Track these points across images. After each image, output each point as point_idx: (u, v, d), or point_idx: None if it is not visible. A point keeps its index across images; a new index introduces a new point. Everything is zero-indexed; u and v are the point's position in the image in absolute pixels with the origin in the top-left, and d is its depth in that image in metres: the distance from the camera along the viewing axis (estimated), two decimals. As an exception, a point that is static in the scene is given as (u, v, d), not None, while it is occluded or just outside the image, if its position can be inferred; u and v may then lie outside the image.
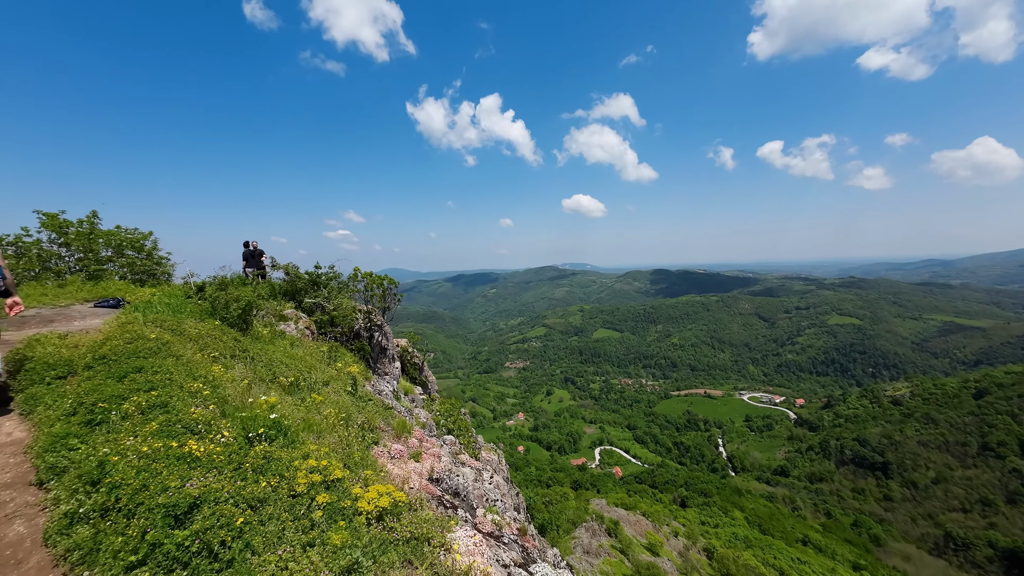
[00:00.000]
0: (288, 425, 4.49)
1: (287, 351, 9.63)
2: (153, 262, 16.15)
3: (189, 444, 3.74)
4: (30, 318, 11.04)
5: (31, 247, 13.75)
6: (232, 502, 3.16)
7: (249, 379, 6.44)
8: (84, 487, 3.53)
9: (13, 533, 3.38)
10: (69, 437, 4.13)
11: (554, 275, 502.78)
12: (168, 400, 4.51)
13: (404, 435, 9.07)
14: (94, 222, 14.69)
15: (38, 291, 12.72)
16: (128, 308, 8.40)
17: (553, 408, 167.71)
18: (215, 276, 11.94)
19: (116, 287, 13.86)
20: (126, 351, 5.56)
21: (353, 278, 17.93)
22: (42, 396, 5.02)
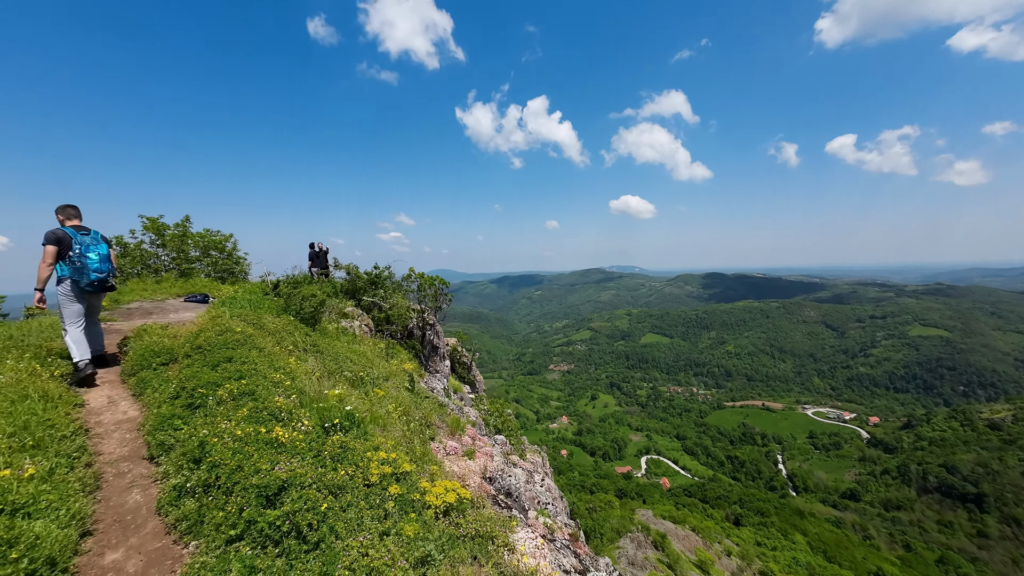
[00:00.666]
0: (360, 418, 4.74)
1: (350, 347, 10.17)
2: (232, 261, 17.71)
3: (276, 431, 4.04)
4: (134, 310, 12.46)
5: (135, 248, 15.56)
6: (315, 487, 3.38)
7: (320, 372, 6.87)
8: (188, 464, 3.93)
9: (132, 501, 3.83)
10: (174, 418, 4.61)
11: (600, 278, 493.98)
12: (255, 389, 4.91)
13: (458, 432, 9.27)
14: (186, 226, 16.37)
15: (140, 286, 14.34)
16: (215, 303, 9.24)
17: (598, 413, 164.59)
18: (287, 275, 12.87)
19: (202, 284, 15.33)
20: (217, 342, 6.12)
21: (407, 278, 18.62)
22: (150, 380, 5.65)
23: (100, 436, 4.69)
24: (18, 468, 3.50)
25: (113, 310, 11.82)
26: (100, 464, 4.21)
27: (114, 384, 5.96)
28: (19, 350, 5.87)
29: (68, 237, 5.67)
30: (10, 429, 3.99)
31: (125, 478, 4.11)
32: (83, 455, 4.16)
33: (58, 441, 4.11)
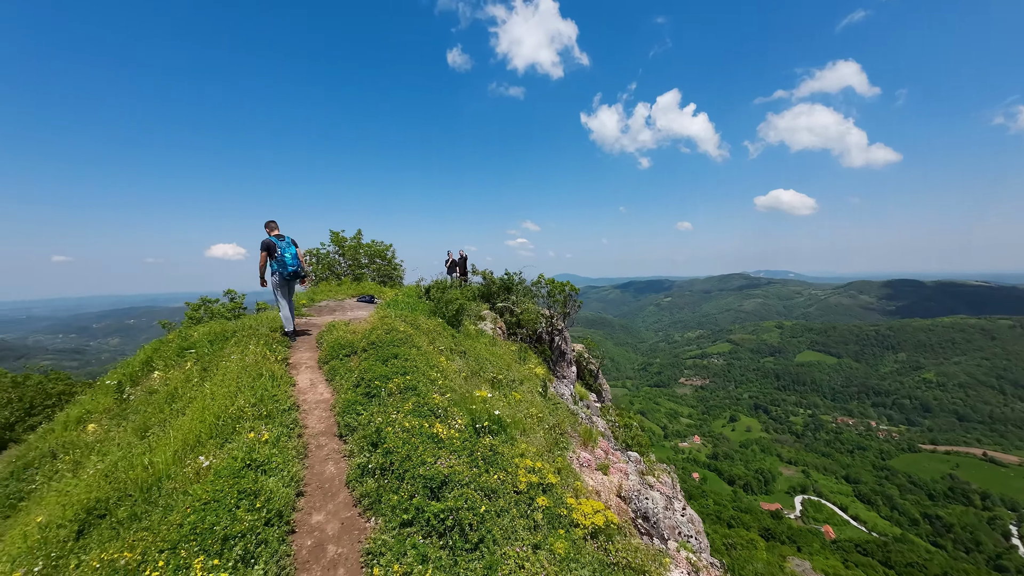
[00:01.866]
0: (506, 422, 4.91)
1: (488, 348, 10.79)
2: (391, 267, 20.56)
3: (436, 426, 4.43)
4: (323, 307, 15.31)
5: (325, 256, 19.23)
6: (472, 487, 3.57)
7: (466, 372, 7.39)
8: (368, 446, 4.56)
9: (327, 472, 4.60)
10: (356, 404, 5.42)
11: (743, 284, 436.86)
12: (416, 384, 5.49)
13: (591, 444, 9.04)
14: (359, 238, 19.63)
15: (327, 288, 17.59)
16: (381, 304, 10.75)
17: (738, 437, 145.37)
18: (436, 280, 14.37)
19: (370, 287, 18.09)
20: (386, 340, 7.06)
21: (536, 283, 19.08)
22: (338, 368, 6.80)
23: (306, 412, 5.79)
24: (258, 433, 4.50)
25: (310, 306, 14.68)
26: (307, 436, 5.18)
27: (313, 369, 7.35)
28: (256, 338, 7.67)
29: (273, 244, 8.19)
30: (253, 400, 5.18)
31: (323, 450, 4.97)
32: (296, 427, 5.17)
33: (281, 413, 5.20)
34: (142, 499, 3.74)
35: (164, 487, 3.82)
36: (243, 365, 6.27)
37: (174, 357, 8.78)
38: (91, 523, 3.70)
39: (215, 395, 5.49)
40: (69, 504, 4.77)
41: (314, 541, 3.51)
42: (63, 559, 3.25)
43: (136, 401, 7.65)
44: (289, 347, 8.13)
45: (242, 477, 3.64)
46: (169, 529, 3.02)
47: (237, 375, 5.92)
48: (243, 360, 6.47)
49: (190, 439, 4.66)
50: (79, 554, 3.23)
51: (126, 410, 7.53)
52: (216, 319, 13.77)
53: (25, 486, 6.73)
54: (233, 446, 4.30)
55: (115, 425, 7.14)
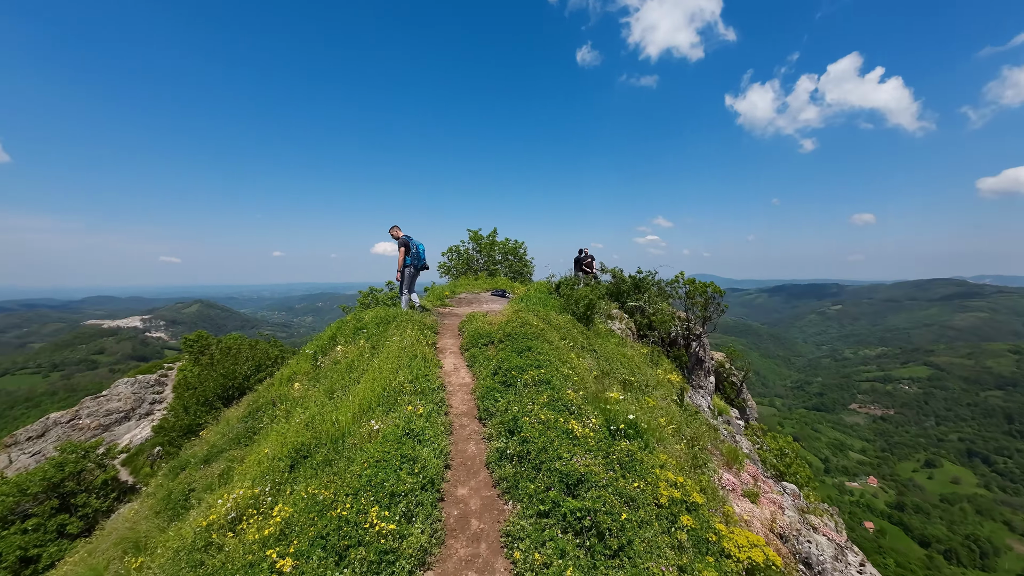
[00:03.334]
0: (644, 428, 4.65)
1: (618, 349, 10.43)
2: (522, 264, 21.44)
3: (571, 423, 4.42)
4: (462, 299, 16.72)
5: (464, 252, 21.04)
6: (611, 491, 3.45)
7: (597, 371, 7.25)
8: (505, 432, 4.79)
9: (470, 450, 4.98)
10: (493, 391, 5.76)
11: (954, 292, 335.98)
12: (550, 378, 5.58)
13: (735, 465, 8.02)
14: (494, 236, 20.96)
15: (465, 282, 19.19)
16: (514, 299, 11.25)
17: (938, 488, 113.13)
18: (565, 276, 14.47)
19: (502, 282, 19.14)
20: (520, 332, 7.36)
21: (672, 283, 17.72)
22: (477, 356, 7.33)
23: (450, 393, 6.39)
24: (414, 406, 5.11)
25: (451, 297, 16.17)
26: (452, 415, 5.71)
27: (456, 354, 8.08)
28: (412, 323, 8.76)
29: (410, 241, 9.98)
30: (410, 377, 5.92)
31: (465, 430, 5.41)
32: (443, 406, 5.74)
33: (432, 392, 5.83)
34: (332, 449, 4.58)
35: (347, 442, 4.62)
36: (402, 346, 7.22)
37: (351, 335, 10.62)
38: (298, 461, 4.69)
39: (381, 370, 6.43)
40: (283, 443, 6.14)
41: (459, 512, 3.84)
42: (282, 486, 4.18)
43: (325, 368, 9.49)
44: (437, 333, 9.08)
45: (403, 444, 4.18)
46: (351, 478, 3.63)
47: (398, 354, 6.85)
48: (402, 342, 7.45)
49: (364, 404, 5.54)
50: (291, 484, 4.12)
51: (318, 374, 9.41)
52: (380, 305, 16.24)
53: (256, 424, 8.93)
54: (395, 415, 4.97)
55: (311, 385, 8.97)
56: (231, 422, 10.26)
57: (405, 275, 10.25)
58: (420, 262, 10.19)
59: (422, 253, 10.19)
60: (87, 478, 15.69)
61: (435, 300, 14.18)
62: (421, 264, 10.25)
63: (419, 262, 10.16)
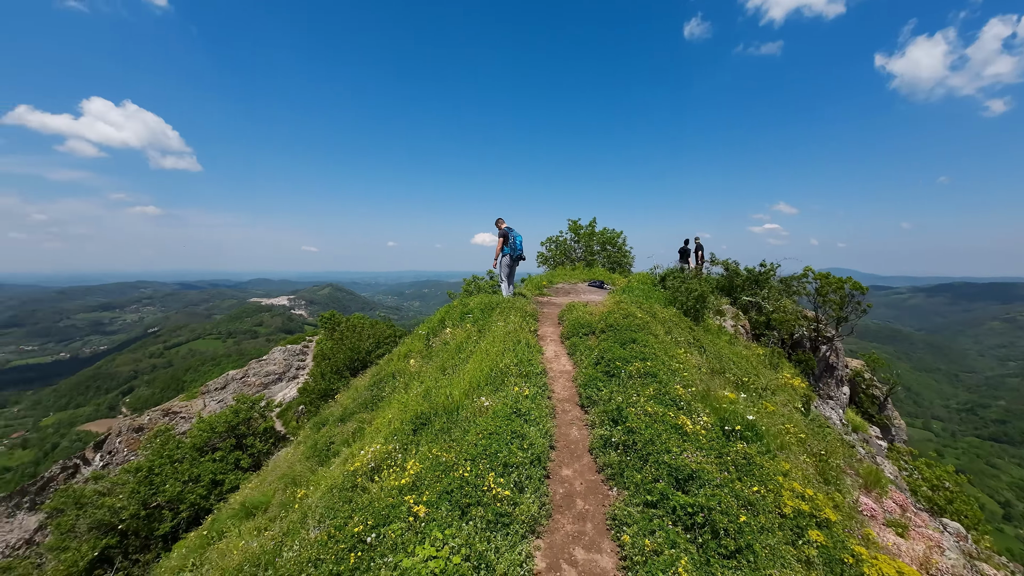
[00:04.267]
0: (764, 432, 4.31)
1: (730, 348, 9.62)
2: (621, 254, 20.79)
3: (681, 418, 4.28)
4: (560, 289, 16.85)
5: (562, 242, 21.11)
6: (726, 491, 3.30)
7: (707, 369, 6.82)
8: (608, 421, 4.82)
9: (573, 435, 5.12)
10: (596, 380, 5.79)
11: None
12: (656, 372, 5.43)
13: (875, 489, 6.94)
14: (593, 226, 20.64)
15: (563, 272, 19.27)
16: (615, 290, 11.02)
17: None
18: (671, 268, 13.71)
19: (600, 272, 18.81)
20: (623, 324, 7.24)
21: (798, 278, 15.63)
22: (578, 345, 7.40)
23: (552, 379, 6.59)
24: (520, 388, 5.39)
25: (549, 287, 16.40)
26: (554, 400, 5.89)
27: (556, 342, 8.26)
28: (514, 310, 9.16)
29: (508, 233, 10.58)
30: (516, 361, 6.23)
31: (567, 415, 5.56)
32: (546, 390, 5.95)
33: (535, 376, 6.07)
34: (447, 419, 5.08)
35: (460, 414, 5.08)
36: (506, 331, 7.61)
37: (458, 319, 11.47)
38: (420, 427, 5.29)
39: (488, 352, 6.88)
40: (404, 411, 6.95)
41: (564, 491, 4.00)
42: (408, 446, 4.78)
43: (436, 348, 10.42)
44: (538, 321, 9.36)
45: (512, 421, 4.47)
46: (468, 446, 4.01)
47: (503, 339, 7.24)
48: (506, 327, 7.85)
49: (473, 382, 6.01)
50: (415, 445, 4.68)
51: (430, 353, 10.38)
52: (482, 292, 17.19)
53: (380, 392, 10.20)
54: (503, 395, 5.31)
55: (425, 363, 9.94)
56: (359, 389, 11.86)
57: (502, 264, 10.97)
58: (516, 252, 10.77)
59: (519, 245, 10.75)
60: (253, 425, 19.45)
61: (533, 289, 14.52)
62: (517, 255, 10.80)
63: (515, 252, 10.75)
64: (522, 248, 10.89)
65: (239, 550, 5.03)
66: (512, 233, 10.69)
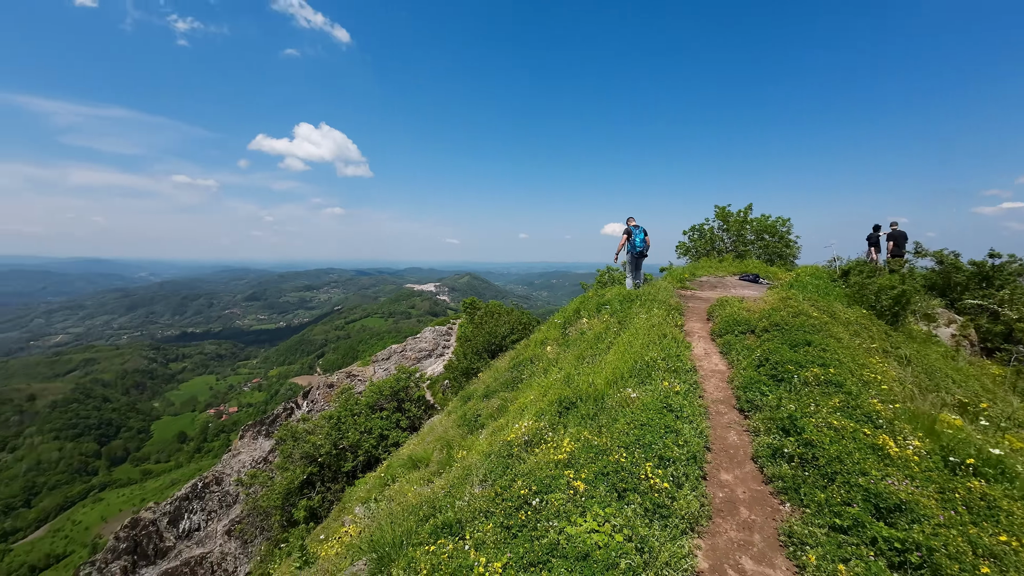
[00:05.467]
0: (1019, 472, 3.32)
1: (944, 361, 7.57)
2: (783, 245, 17.92)
3: (881, 437, 3.59)
4: (704, 282, 15.42)
5: (708, 231, 19.19)
6: (956, 533, 2.67)
7: (911, 385, 5.52)
8: (777, 430, 4.29)
9: (730, 439, 4.71)
10: (759, 383, 5.20)
11: None
12: (842, 380, 4.62)
13: None
14: (747, 212, 18.22)
15: (707, 264, 17.55)
16: (781, 284, 9.62)
17: None
18: (857, 260, 11.36)
19: (753, 265, 16.59)
20: (793, 323, 6.30)
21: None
22: (733, 344, 6.72)
23: (703, 377, 6.13)
24: (670, 383, 5.16)
25: (692, 280, 15.15)
26: (706, 399, 5.49)
27: (706, 340, 7.63)
28: (657, 303, 8.75)
29: (630, 231, 11.15)
30: (662, 355, 5.98)
31: (723, 417, 5.13)
32: (697, 388, 5.58)
33: (684, 372, 5.74)
34: (593, 405, 5.17)
35: (606, 403, 5.12)
36: (650, 324, 7.33)
37: (594, 310, 11.45)
38: (564, 409, 5.51)
39: (631, 344, 6.73)
40: (545, 393, 7.29)
41: (725, 496, 3.73)
42: (555, 426, 5.03)
43: (572, 336, 10.62)
44: (682, 315, 8.77)
45: (663, 415, 4.33)
46: (619, 434, 4.04)
47: (646, 332, 7.00)
48: (650, 320, 7.56)
49: (616, 373, 5.97)
50: (564, 427, 4.89)
51: (567, 341, 10.62)
52: (617, 284, 16.78)
53: (519, 375, 10.86)
54: (650, 388, 5.16)
55: (562, 350, 10.23)
56: (499, 370, 12.82)
57: (623, 259, 11.89)
58: (635, 250, 11.43)
59: (638, 243, 11.31)
60: (410, 392, 22.66)
61: (674, 282, 13.60)
62: (637, 252, 11.46)
63: (635, 249, 11.42)
64: (643, 246, 11.37)
65: (413, 493, 5.99)
66: (635, 231, 11.22)
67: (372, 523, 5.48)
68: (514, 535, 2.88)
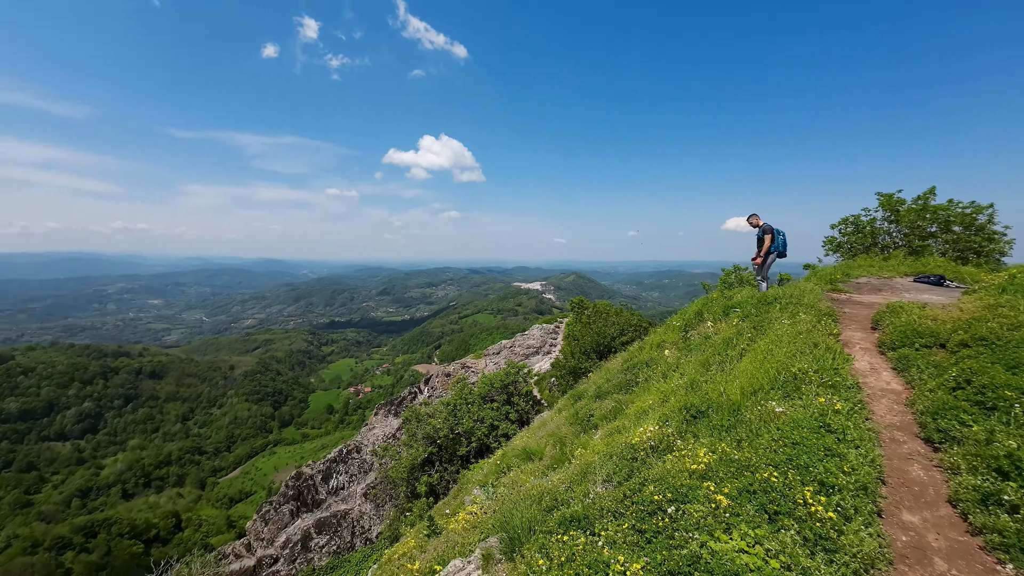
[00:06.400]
0: None
1: None
2: (983, 238, 14.05)
3: None
4: (862, 284, 12.94)
5: (867, 224, 16.00)
6: None
7: None
8: (988, 471, 3.40)
9: (913, 473, 3.88)
10: (957, 410, 4.18)
11: None
12: (1098, 417, 3.46)
13: None
14: (927, 199, 14.71)
15: (867, 262, 14.66)
16: (984, 288, 7.61)
17: None
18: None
19: (935, 263, 13.36)
20: (1008, 338, 4.92)
21: None
22: (913, 359, 5.52)
23: (869, 397, 5.15)
24: (828, 399, 4.46)
25: (844, 282, 12.86)
26: (875, 423, 4.60)
27: (872, 352, 6.39)
28: (804, 307, 7.62)
29: (773, 229, 10.67)
30: (815, 367, 5.20)
31: (901, 447, 4.25)
32: (862, 409, 4.71)
33: (844, 389, 4.89)
34: (728, 415, 4.72)
35: (744, 415, 4.63)
36: (796, 331, 6.41)
37: (720, 312, 10.43)
38: (692, 418, 5.13)
39: (772, 352, 5.97)
40: (666, 399, 6.89)
41: (910, 540, 3.09)
42: (684, 433, 4.72)
43: (695, 341, 9.82)
44: (836, 322, 7.50)
45: (821, 436, 3.75)
46: (765, 451, 3.62)
47: (791, 339, 6.14)
48: (795, 327, 6.61)
49: (753, 383, 5.35)
50: (694, 436, 4.56)
51: (688, 346, 9.86)
52: (746, 285, 15.00)
53: (633, 377, 10.44)
54: (800, 403, 4.52)
55: (682, 355, 9.53)
56: (611, 372, 12.48)
57: (768, 261, 11.00)
58: (780, 249, 10.85)
59: (781, 242, 10.82)
60: (519, 386, 23.41)
61: (822, 283, 11.70)
62: (780, 251, 10.89)
63: (779, 248, 10.83)
64: (784, 246, 10.95)
65: (531, 484, 6.19)
66: (777, 229, 10.83)
67: (495, 505, 5.81)
68: (648, 540, 2.78)
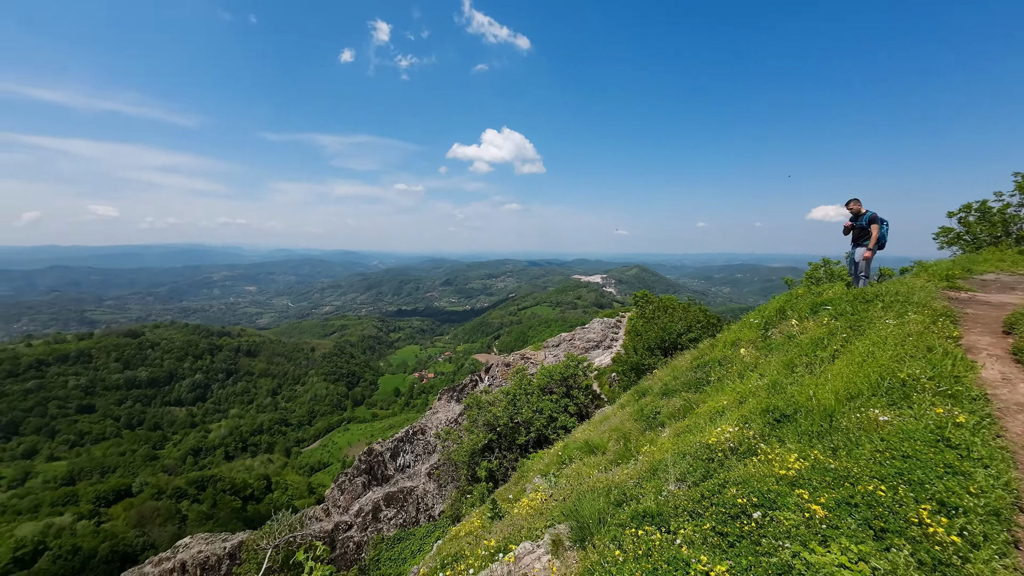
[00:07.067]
0: None
1: None
2: None
3: None
4: (989, 282, 11.14)
5: (997, 212, 13.65)
6: None
7: None
8: None
9: (1061, 503, 3.29)
10: None
11: None
12: None
13: None
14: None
15: (995, 256, 12.56)
16: None
17: None
18: None
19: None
20: None
21: None
22: (1063, 370, 4.64)
23: (1001, 411, 4.44)
24: (946, 410, 3.91)
25: (966, 279, 11.18)
26: (1010, 440, 3.96)
27: (1004, 360, 5.48)
28: (913, 306, 6.72)
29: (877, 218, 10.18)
30: (928, 373, 4.58)
31: (1044, 471, 3.62)
32: (991, 423, 4.07)
33: (968, 400, 4.26)
34: (820, 421, 4.32)
35: (838, 421, 4.21)
36: (904, 333, 5.67)
37: (806, 310, 9.51)
38: (776, 421, 4.76)
39: (872, 355, 5.35)
40: (743, 400, 6.45)
41: (1057, 580, 2.64)
42: (767, 437, 4.40)
43: (776, 340, 9.05)
44: (956, 324, 6.52)
45: (940, 451, 3.30)
46: (867, 461, 3.26)
47: (899, 341, 5.44)
48: (903, 327, 5.85)
49: (849, 388, 4.83)
50: (780, 440, 4.24)
51: (768, 345, 9.12)
52: (837, 280, 13.50)
53: (705, 376, 9.88)
54: (908, 412, 4.01)
55: (761, 355, 8.84)
56: (679, 369, 11.91)
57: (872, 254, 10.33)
58: (885, 240, 10.33)
59: (886, 232, 10.33)
60: (578, 380, 23.17)
61: (936, 280, 10.24)
62: (881, 244, 10.37)
63: (884, 240, 10.29)
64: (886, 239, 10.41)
65: (595, 477, 6.14)
66: (881, 218, 10.21)
67: (559, 494, 5.85)
68: (731, 544, 2.64)
